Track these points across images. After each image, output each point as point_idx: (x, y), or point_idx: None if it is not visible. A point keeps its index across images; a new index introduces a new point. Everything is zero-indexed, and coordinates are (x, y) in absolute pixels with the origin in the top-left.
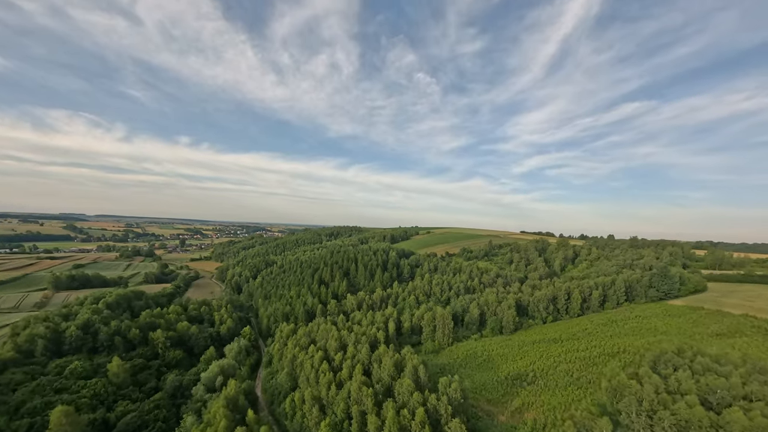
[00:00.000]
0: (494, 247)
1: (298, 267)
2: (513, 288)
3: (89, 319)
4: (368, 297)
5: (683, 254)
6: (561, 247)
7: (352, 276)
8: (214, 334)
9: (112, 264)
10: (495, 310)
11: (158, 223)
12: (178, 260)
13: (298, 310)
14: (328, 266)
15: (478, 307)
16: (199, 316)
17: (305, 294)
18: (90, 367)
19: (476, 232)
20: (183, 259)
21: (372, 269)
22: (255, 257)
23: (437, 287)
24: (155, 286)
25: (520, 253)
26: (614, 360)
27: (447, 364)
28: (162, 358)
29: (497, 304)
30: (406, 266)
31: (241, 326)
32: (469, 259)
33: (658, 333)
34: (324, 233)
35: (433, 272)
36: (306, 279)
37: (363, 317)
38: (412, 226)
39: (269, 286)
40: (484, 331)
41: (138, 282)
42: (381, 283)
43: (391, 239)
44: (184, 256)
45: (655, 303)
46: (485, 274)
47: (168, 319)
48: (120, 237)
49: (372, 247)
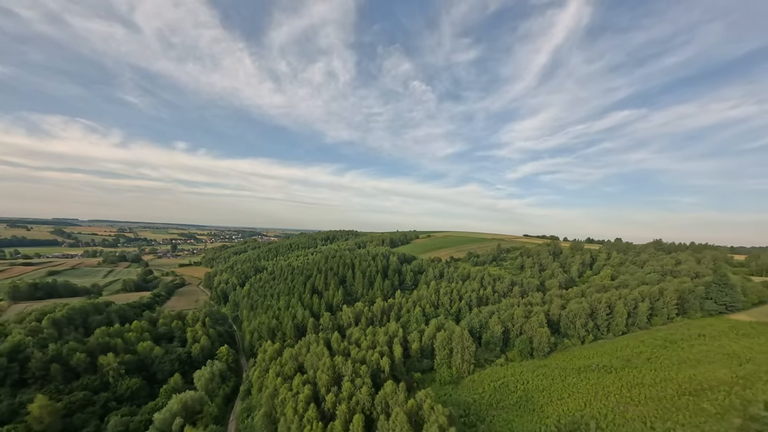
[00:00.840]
0: (502, 251)
1: (289, 274)
2: (534, 298)
3: (21, 341)
4: (367, 309)
5: (724, 259)
6: (576, 252)
7: (349, 284)
8: (184, 356)
9: (92, 270)
10: (521, 327)
11: (152, 228)
12: (166, 266)
13: (286, 325)
14: (322, 273)
15: (500, 322)
16: (169, 333)
17: (295, 305)
18: (8, 408)
19: (480, 236)
20: (172, 265)
21: (371, 276)
22: (245, 263)
23: (446, 297)
24: (133, 294)
25: (532, 257)
26: (700, 400)
27: (473, 402)
28: (113, 389)
29: (524, 319)
30: (409, 273)
31: (221, 343)
32: (477, 264)
33: (741, 360)
34: (319, 237)
35: (439, 279)
36: (297, 287)
37: (362, 335)
38: (410, 230)
39: (256, 295)
40: (510, 352)
41: (115, 290)
42: (381, 292)
43: (390, 243)
44: (173, 261)
45: (713, 317)
46: (498, 282)
47: (128, 338)
48: (110, 242)
49: (370, 252)
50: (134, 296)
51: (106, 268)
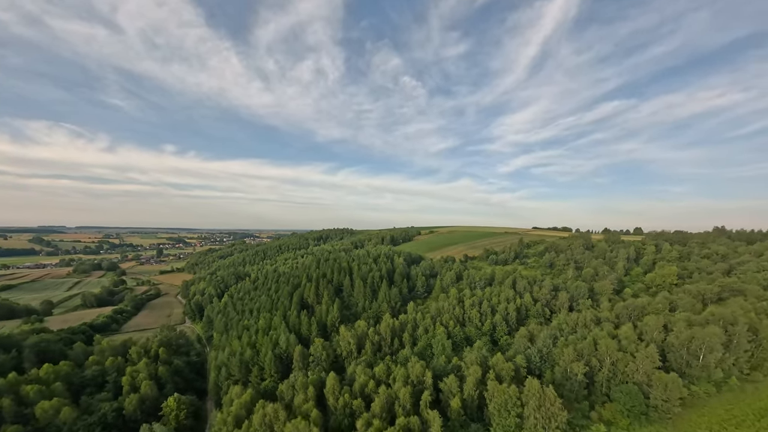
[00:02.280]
0: (523, 247)
1: (273, 282)
2: (601, 312)
3: None
4: (372, 330)
5: None
6: (614, 244)
7: (347, 294)
8: (112, 416)
9: (56, 283)
10: (615, 365)
11: (141, 233)
12: (147, 273)
13: (264, 356)
14: (313, 282)
15: (578, 356)
16: (101, 377)
17: (278, 326)
18: None
19: (489, 230)
20: (153, 272)
21: (374, 283)
22: (228, 268)
23: (473, 309)
24: (91, 311)
25: (564, 253)
26: None
27: None
28: None
29: (620, 354)
30: (420, 277)
31: (178, 385)
32: (497, 263)
33: None
34: (311, 237)
35: (456, 283)
36: (282, 301)
37: (369, 379)
38: (408, 226)
39: (233, 311)
40: (602, 407)
41: (73, 306)
42: (388, 304)
43: (391, 241)
44: (156, 267)
45: None
46: (536, 286)
47: (23, 394)
48: (92, 249)
49: (371, 252)
50: (93, 313)
51: (74, 279)
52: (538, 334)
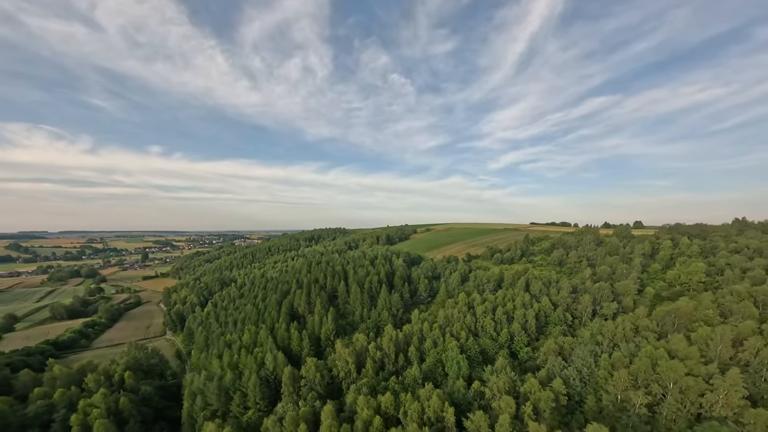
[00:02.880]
0: (528, 244)
1: (260, 289)
2: (638, 319)
3: None
4: (373, 345)
5: None
6: (625, 239)
7: (341, 301)
8: None
9: (27, 293)
10: (693, 398)
11: (126, 237)
12: (130, 279)
13: (248, 381)
14: (304, 288)
15: (633, 380)
16: (45, 413)
17: (264, 341)
18: None
19: (489, 227)
20: (136, 278)
21: (372, 288)
22: (214, 273)
23: (486, 316)
24: (60, 324)
25: (576, 250)
26: None
27: None
28: None
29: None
30: (422, 279)
31: (141, 421)
32: (502, 261)
33: None
34: (302, 238)
35: (461, 286)
36: (269, 311)
37: (374, 416)
38: (402, 224)
39: (215, 324)
40: None
41: (40, 319)
42: (389, 312)
43: (386, 241)
44: (139, 273)
45: None
46: (552, 288)
47: None
48: (74, 255)
49: (367, 253)
50: (61, 327)
51: (48, 288)
52: (571, 348)
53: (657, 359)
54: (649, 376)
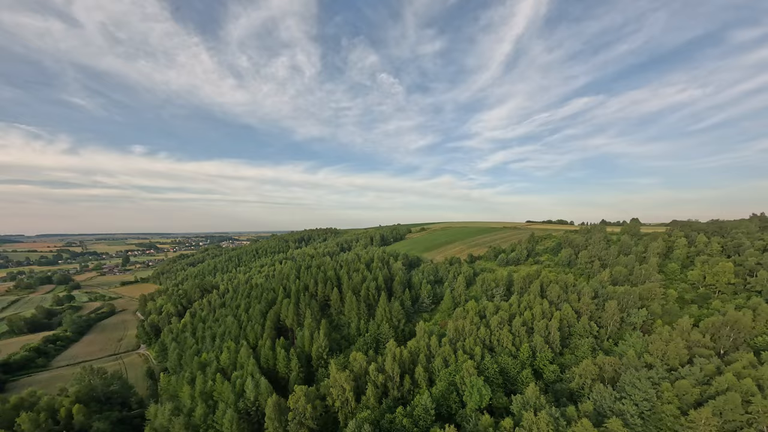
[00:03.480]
0: (533, 243)
1: (243, 297)
2: (685, 333)
3: None
4: (374, 367)
5: None
6: (636, 238)
7: (335, 311)
8: None
9: None
10: None
11: (108, 240)
12: (107, 284)
13: (221, 419)
14: (292, 297)
15: (722, 423)
16: None
17: (245, 361)
18: None
19: (486, 226)
20: (114, 283)
21: (370, 296)
22: (195, 278)
23: (501, 328)
24: (18, 340)
25: (586, 249)
26: None
27: None
28: None
29: None
30: (424, 285)
31: None
32: (507, 263)
33: None
34: (292, 239)
35: (467, 291)
36: (253, 324)
37: None
38: (395, 224)
39: (191, 339)
40: None
41: None
42: (390, 324)
43: (381, 241)
44: (118, 278)
45: None
46: (571, 292)
47: None
48: (50, 259)
49: (362, 256)
50: (18, 343)
51: (12, 297)
52: (614, 371)
53: (748, 392)
54: (740, 417)
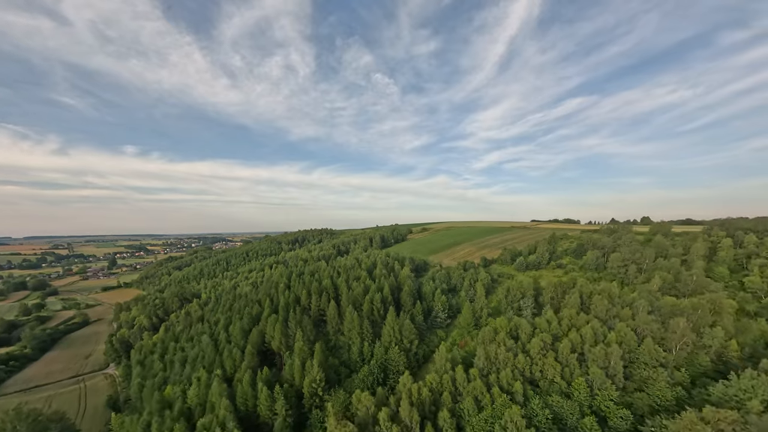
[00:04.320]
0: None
1: (223, 311)
2: None
3: None
4: (385, 413)
5: None
6: (669, 237)
7: (332, 328)
8: None
9: None
10: None
11: (97, 242)
12: (88, 290)
13: None
14: (280, 313)
15: None
16: None
17: (217, 400)
18: None
19: (493, 226)
20: (96, 288)
21: (374, 310)
22: (179, 283)
23: (544, 356)
24: None
25: (617, 252)
26: None
27: None
28: None
29: None
30: (437, 295)
31: None
32: (527, 267)
33: None
34: (285, 240)
35: (486, 302)
36: (233, 346)
37: None
38: (392, 224)
39: (157, 363)
40: None
41: None
42: (399, 345)
43: (381, 242)
44: (101, 282)
45: None
46: (624, 308)
47: None
48: (33, 263)
49: (362, 261)
50: None
51: None
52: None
53: None
54: None
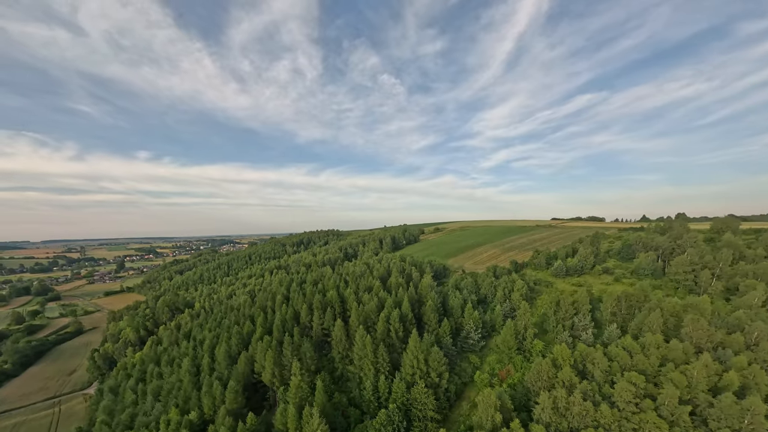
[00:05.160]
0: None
1: (212, 326)
2: None
3: None
4: None
5: None
6: (736, 235)
7: (338, 353)
8: None
9: None
10: None
11: (109, 245)
12: (91, 294)
13: None
14: (274, 334)
15: None
16: None
17: None
18: None
19: (514, 224)
20: (99, 293)
21: (392, 332)
22: (173, 291)
23: (637, 407)
24: None
25: (683, 254)
26: None
27: None
28: None
29: None
30: (468, 309)
31: None
32: (567, 273)
33: None
34: (290, 243)
35: (528, 317)
36: (213, 378)
37: None
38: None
39: (129, 394)
40: None
41: None
42: (425, 379)
43: (392, 244)
44: (107, 287)
45: None
46: (719, 329)
47: None
48: (44, 266)
49: (373, 267)
50: None
51: None
52: None
53: None
54: None
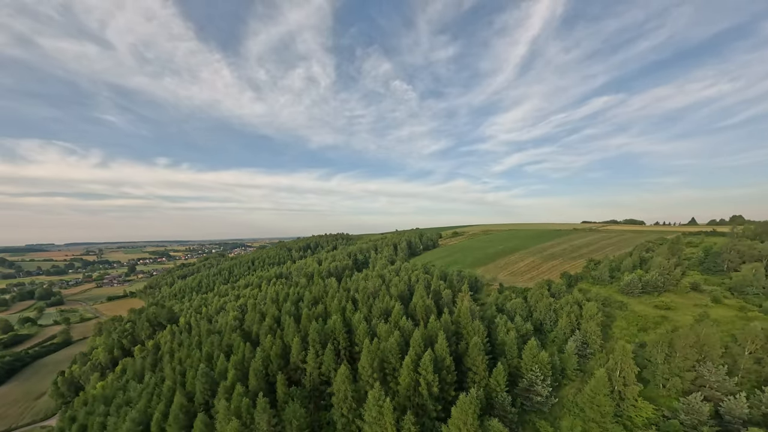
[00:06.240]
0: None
1: (186, 354)
2: None
3: None
4: None
5: None
6: None
7: (342, 417)
8: None
9: None
10: None
11: (127, 248)
12: (94, 299)
13: None
14: (252, 380)
15: None
16: None
17: None
18: None
19: (545, 228)
20: (102, 297)
21: (422, 387)
22: (161, 301)
23: None
24: None
25: None
26: None
27: None
28: None
29: None
30: (530, 348)
31: None
32: (644, 290)
33: None
34: (296, 247)
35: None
36: None
37: None
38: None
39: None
40: None
41: None
42: None
43: (407, 250)
44: (113, 290)
45: None
46: None
47: None
48: (60, 269)
49: (390, 282)
50: None
51: None
52: None
53: None
54: None
